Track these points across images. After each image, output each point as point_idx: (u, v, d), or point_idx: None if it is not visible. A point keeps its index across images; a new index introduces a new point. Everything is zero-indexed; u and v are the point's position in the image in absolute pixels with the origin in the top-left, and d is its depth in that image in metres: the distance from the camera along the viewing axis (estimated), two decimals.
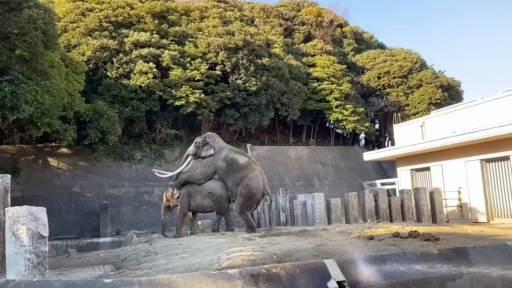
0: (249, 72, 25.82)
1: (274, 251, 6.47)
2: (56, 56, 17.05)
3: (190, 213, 11.38)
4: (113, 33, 24.24)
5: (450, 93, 33.50)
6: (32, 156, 21.63)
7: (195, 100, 23.50)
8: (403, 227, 9.17)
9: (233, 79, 25.91)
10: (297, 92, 28.27)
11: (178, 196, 11.14)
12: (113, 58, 23.10)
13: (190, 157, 11.54)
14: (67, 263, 7.80)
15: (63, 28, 23.60)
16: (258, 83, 25.72)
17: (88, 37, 23.34)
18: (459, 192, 15.11)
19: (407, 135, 18.29)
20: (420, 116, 24.44)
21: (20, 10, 13.58)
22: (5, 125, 18.78)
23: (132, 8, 26.81)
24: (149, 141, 25.43)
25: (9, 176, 5.30)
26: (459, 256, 6.33)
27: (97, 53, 22.66)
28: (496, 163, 14.04)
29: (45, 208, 5.04)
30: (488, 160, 14.25)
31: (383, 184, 21.87)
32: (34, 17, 13.62)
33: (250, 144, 27.61)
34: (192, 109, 23.63)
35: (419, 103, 32.44)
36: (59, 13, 22.56)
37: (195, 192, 10.93)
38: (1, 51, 13.72)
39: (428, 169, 16.78)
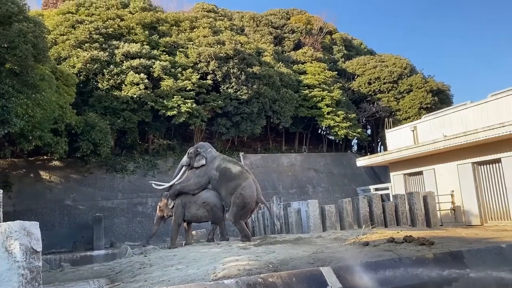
0: (240, 80, 25.90)
1: (270, 259, 6.46)
2: (46, 69, 16.98)
3: (185, 223, 11.33)
4: (104, 45, 24.20)
5: (440, 97, 33.83)
6: (24, 170, 21.43)
7: (187, 110, 23.49)
8: (397, 232, 9.21)
9: (224, 88, 25.96)
10: (289, 99, 28.38)
11: (173, 206, 11.10)
12: (104, 70, 23.04)
13: (184, 168, 11.51)
14: (61, 278, 7.71)
15: (53, 40, 23.54)
16: (249, 92, 25.81)
17: (79, 49, 23.30)
18: (452, 195, 15.21)
19: (399, 140, 18.42)
20: (411, 121, 24.64)
21: (9, 24, 13.54)
22: None
23: (122, 20, 26.83)
24: (142, 152, 25.32)
25: (1, 191, 5.26)
26: (455, 260, 6.37)
27: (88, 65, 22.60)
28: (488, 165, 14.18)
29: (38, 223, 4.99)
30: (480, 163, 14.38)
31: (376, 189, 21.94)
32: (24, 30, 13.58)
33: (242, 153, 27.60)
34: (184, 119, 23.61)
35: (410, 108, 32.69)
36: (49, 26, 22.48)
37: (189, 202, 10.89)
38: None
39: (420, 173, 16.89)
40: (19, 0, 14.70)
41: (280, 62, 31.50)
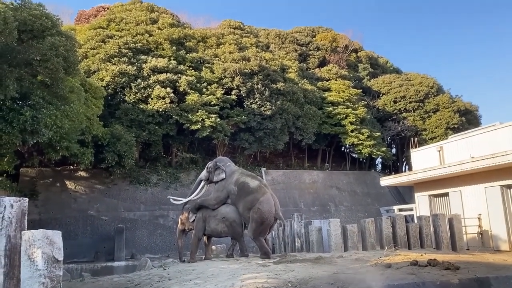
0: (264, 96, 26.02)
1: (289, 278, 6.36)
2: (76, 81, 17.46)
3: (205, 238, 11.30)
4: (132, 59, 24.80)
5: (468, 118, 33.11)
6: (51, 179, 21.95)
7: (211, 124, 23.70)
8: (421, 255, 8.95)
9: (248, 103, 26.11)
10: (312, 116, 28.30)
11: (193, 220, 11.10)
12: (132, 83, 23.56)
13: (203, 182, 11.51)
14: None
15: (84, 54, 24.27)
16: (273, 108, 25.87)
17: (108, 63, 23.92)
18: (479, 218, 14.73)
19: (425, 160, 18.03)
20: (438, 141, 24.14)
21: (43, 38, 14.01)
22: (25, 148, 19.15)
23: (150, 35, 27.49)
24: (165, 165, 25.60)
25: (27, 199, 5.37)
26: (481, 287, 6.13)
27: (116, 78, 23.15)
28: None
29: (61, 232, 5.07)
30: (509, 186, 13.90)
31: (400, 210, 21.46)
32: (56, 44, 14.02)
33: (264, 168, 27.55)
34: (207, 133, 23.81)
35: (436, 127, 32.10)
36: (80, 40, 23.23)
37: (209, 216, 10.87)
38: (24, 77, 14.13)
39: (446, 194, 16.45)
40: (53, 15, 15.26)
41: (305, 79, 31.53)
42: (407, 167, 34.21)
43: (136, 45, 25.91)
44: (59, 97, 15.10)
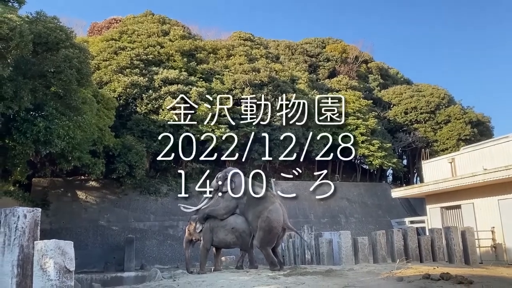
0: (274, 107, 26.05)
1: None
2: (88, 92, 17.70)
3: (214, 249, 11.26)
4: (144, 71, 25.07)
5: (480, 129, 32.78)
6: (62, 189, 22.13)
7: (220, 135, 23.76)
8: (434, 268, 8.82)
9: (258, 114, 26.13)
10: (322, 127, 28.24)
11: (201, 230, 11.06)
12: (143, 94, 23.79)
13: (212, 192, 11.55)
14: None
15: (96, 66, 24.59)
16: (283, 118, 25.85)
17: (120, 74, 24.21)
18: (492, 232, 14.50)
19: (436, 172, 17.87)
20: (449, 152, 23.91)
21: (57, 50, 14.27)
22: (38, 158, 19.40)
23: (162, 47, 27.80)
24: (175, 175, 25.67)
25: (40, 210, 5.43)
26: None
27: (128, 89, 23.40)
28: None
29: (72, 242, 5.11)
30: None
31: (412, 222, 21.22)
32: (69, 56, 14.27)
33: (274, 179, 27.47)
34: (217, 143, 23.85)
35: (447, 139, 31.82)
36: (93, 52, 23.57)
37: (217, 227, 10.82)
38: (38, 89, 14.36)
39: (459, 207, 16.24)
40: (67, 27, 15.56)
41: (314, 90, 31.51)
42: (418, 178, 33.87)
43: (148, 56, 26.22)
44: (72, 108, 15.31)
